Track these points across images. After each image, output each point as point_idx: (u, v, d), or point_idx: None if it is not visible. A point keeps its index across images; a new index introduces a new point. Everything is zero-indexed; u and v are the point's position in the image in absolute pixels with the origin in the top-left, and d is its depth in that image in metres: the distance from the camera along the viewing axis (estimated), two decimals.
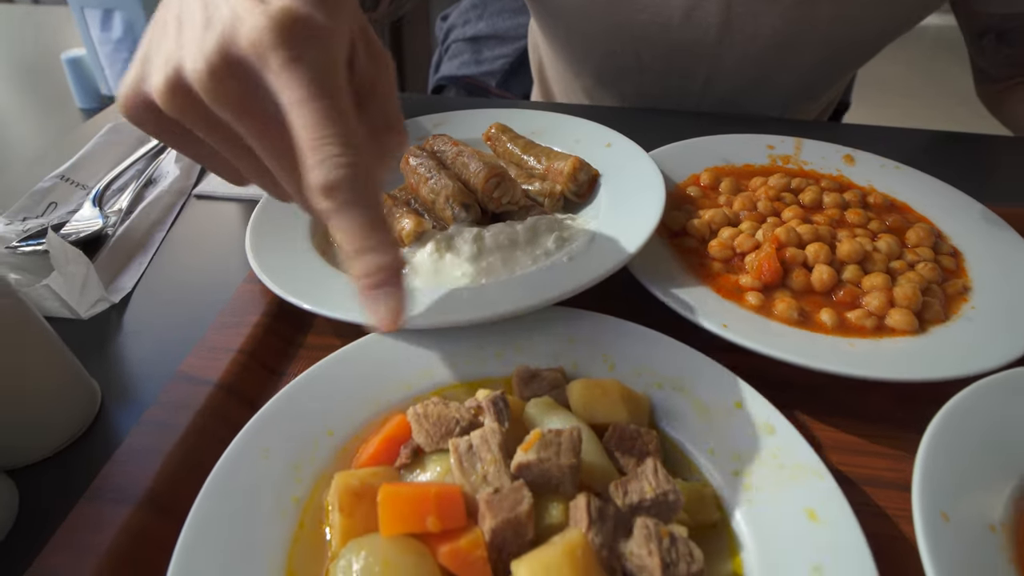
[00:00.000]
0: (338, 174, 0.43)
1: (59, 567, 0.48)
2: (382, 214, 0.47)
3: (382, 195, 0.47)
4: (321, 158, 0.43)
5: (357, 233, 0.46)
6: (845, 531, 0.46)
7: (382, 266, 0.46)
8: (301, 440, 0.53)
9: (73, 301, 0.70)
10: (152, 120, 0.50)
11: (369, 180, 0.45)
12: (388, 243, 0.47)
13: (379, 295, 0.47)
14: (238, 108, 0.46)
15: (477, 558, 0.44)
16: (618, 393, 0.55)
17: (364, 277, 0.47)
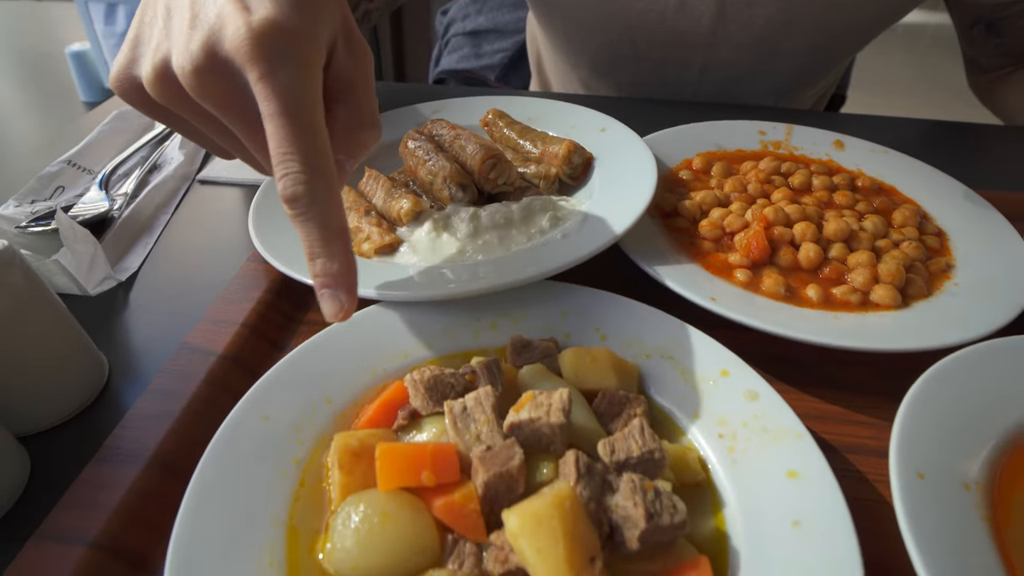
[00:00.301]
0: (296, 190, 0.48)
1: (70, 523, 0.50)
2: (337, 225, 0.51)
3: (342, 206, 0.51)
4: (283, 172, 0.48)
5: (311, 241, 0.51)
6: (824, 489, 0.48)
7: (328, 271, 0.52)
8: (301, 405, 0.55)
9: (81, 277, 0.72)
10: (141, 101, 0.54)
11: (325, 195, 0.50)
12: (338, 252, 0.52)
13: (325, 295, 0.52)
14: (222, 104, 0.50)
15: (471, 511, 0.46)
16: (608, 361, 0.57)
17: (314, 278, 0.52)
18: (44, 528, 0.50)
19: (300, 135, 0.47)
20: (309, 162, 0.48)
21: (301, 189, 0.47)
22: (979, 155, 1.11)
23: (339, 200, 0.51)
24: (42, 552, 0.48)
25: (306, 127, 0.48)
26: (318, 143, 0.49)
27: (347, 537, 0.45)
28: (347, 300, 0.52)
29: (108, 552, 0.49)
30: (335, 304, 0.52)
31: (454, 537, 0.46)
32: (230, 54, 0.47)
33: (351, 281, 0.52)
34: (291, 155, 0.47)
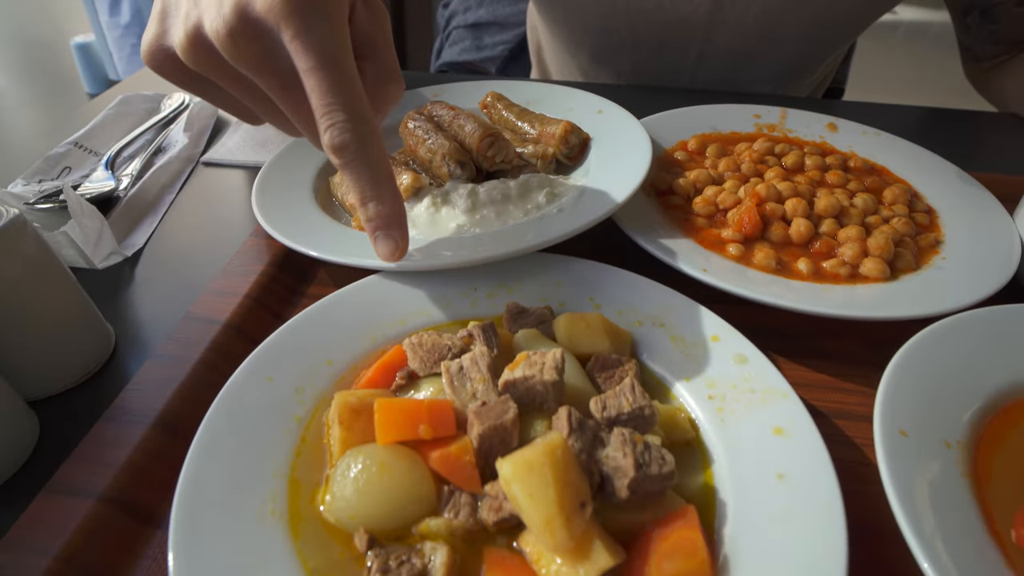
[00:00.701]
0: (344, 138, 0.51)
1: (79, 477, 0.52)
2: (385, 168, 0.54)
3: (385, 151, 0.54)
4: (330, 123, 0.50)
5: (361, 186, 0.54)
6: (808, 444, 0.50)
7: (380, 213, 0.55)
8: (303, 368, 0.57)
9: (88, 251, 0.74)
10: (174, 71, 0.56)
11: (371, 140, 0.53)
12: (388, 194, 0.55)
13: (380, 236, 0.56)
14: (256, 66, 0.51)
15: (466, 463, 0.48)
16: (601, 326, 0.58)
17: (367, 222, 0.54)
18: (54, 482, 0.51)
19: (341, 86, 0.50)
20: (353, 110, 0.50)
21: (349, 136, 0.50)
22: (974, 141, 1.13)
23: (382, 144, 0.54)
24: (53, 504, 0.50)
25: (345, 78, 0.50)
26: (357, 92, 0.51)
27: (346, 487, 0.46)
28: (401, 239, 0.56)
29: (116, 505, 0.51)
30: (390, 243, 0.55)
31: (450, 488, 0.48)
32: (262, 14, 0.49)
33: (403, 220, 0.56)
34: (335, 105, 0.49)
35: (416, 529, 0.46)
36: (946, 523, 0.46)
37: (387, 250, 0.56)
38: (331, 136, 0.50)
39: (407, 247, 0.56)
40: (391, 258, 0.56)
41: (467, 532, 0.46)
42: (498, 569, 0.44)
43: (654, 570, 0.43)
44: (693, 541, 0.43)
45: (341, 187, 0.81)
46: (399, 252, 0.56)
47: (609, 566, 0.41)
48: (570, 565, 0.42)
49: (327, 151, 0.51)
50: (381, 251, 0.56)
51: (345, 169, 0.52)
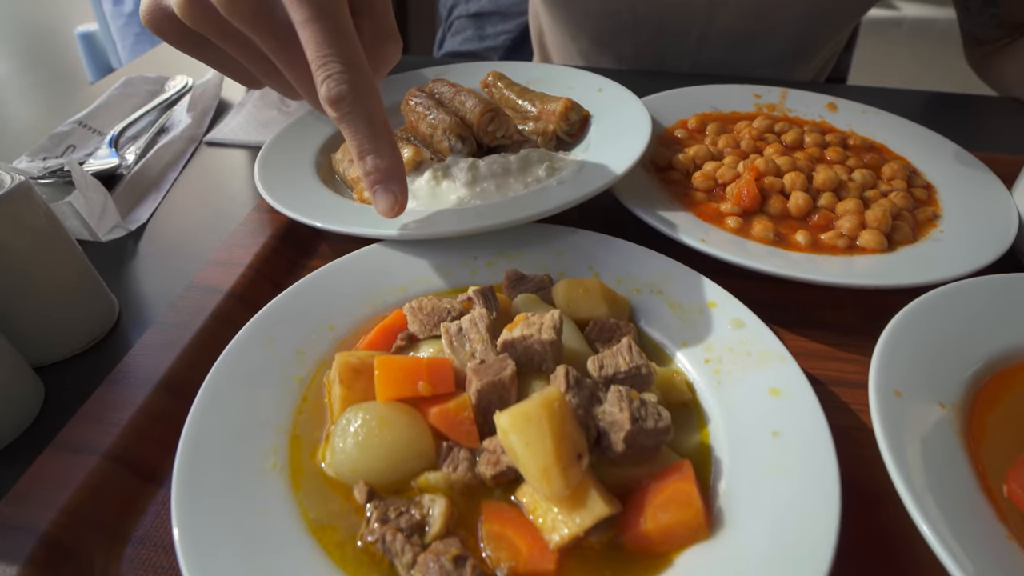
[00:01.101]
0: (340, 89, 0.50)
1: (84, 436, 0.52)
2: (382, 122, 0.54)
3: (382, 104, 0.54)
4: (326, 75, 0.50)
5: (359, 139, 0.53)
6: (804, 403, 0.50)
7: (378, 167, 0.54)
8: (304, 331, 0.58)
9: (93, 222, 0.75)
10: (172, 31, 0.56)
11: (369, 93, 0.52)
12: (386, 147, 0.54)
13: (378, 190, 0.55)
14: (252, 21, 0.51)
15: (464, 419, 0.48)
16: (599, 291, 0.59)
17: (366, 176, 0.53)
18: (59, 440, 0.52)
19: (336, 36, 0.50)
20: (349, 60, 0.50)
21: (345, 88, 0.50)
22: (975, 124, 1.13)
23: (380, 98, 0.53)
24: (58, 460, 0.51)
25: (341, 28, 0.50)
26: (354, 43, 0.51)
27: (347, 440, 0.47)
28: (400, 192, 0.55)
29: (120, 463, 0.52)
30: (389, 198, 0.55)
31: (448, 444, 0.48)
32: None
33: (401, 174, 0.55)
34: (331, 56, 0.49)
35: (415, 483, 0.47)
36: (938, 478, 0.46)
37: (386, 204, 0.55)
38: (327, 87, 0.50)
39: (406, 201, 0.56)
40: (390, 212, 0.55)
41: (465, 486, 0.47)
42: (495, 520, 0.44)
43: (649, 521, 0.43)
44: (688, 493, 0.44)
45: (343, 163, 0.82)
46: (398, 206, 0.55)
47: (605, 515, 0.42)
48: (566, 513, 0.42)
49: (324, 104, 0.51)
50: (380, 206, 0.55)
51: (342, 122, 0.52)
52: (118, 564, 0.47)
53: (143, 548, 0.48)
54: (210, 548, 0.42)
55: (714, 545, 0.43)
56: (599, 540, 0.44)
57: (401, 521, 0.44)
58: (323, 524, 0.45)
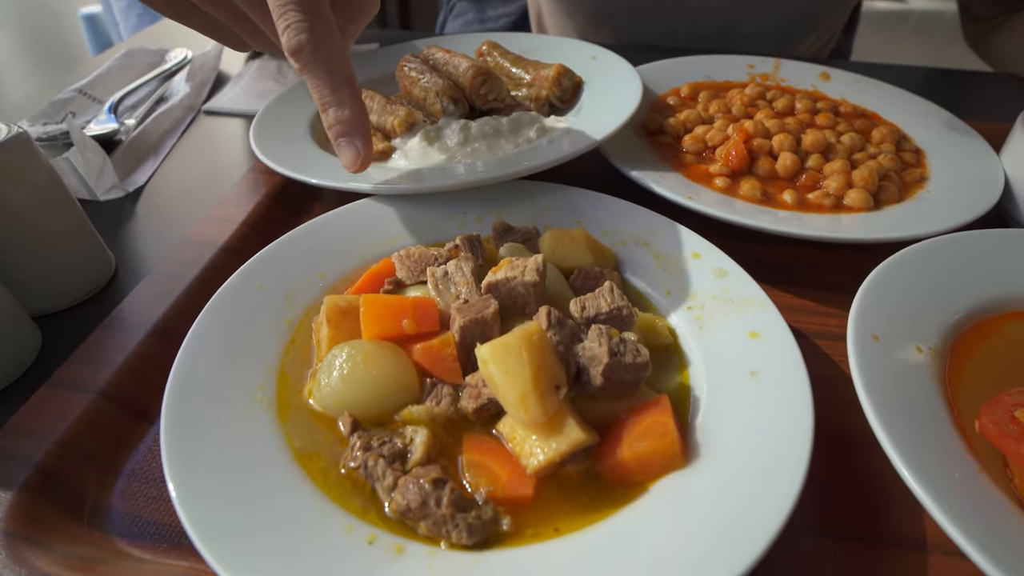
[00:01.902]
0: (299, 39, 0.50)
1: (79, 375, 0.54)
2: (343, 72, 0.53)
3: (345, 55, 0.53)
4: (285, 24, 0.50)
5: (320, 90, 0.53)
6: (781, 345, 0.51)
7: (341, 119, 0.54)
8: (294, 278, 0.59)
9: (91, 181, 0.76)
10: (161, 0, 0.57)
11: (330, 42, 0.51)
12: (347, 99, 0.54)
13: (342, 144, 0.55)
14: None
15: (447, 355, 0.49)
16: (584, 240, 0.60)
17: (329, 128, 0.55)
18: (55, 378, 0.54)
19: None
20: (309, 8, 0.49)
21: (304, 37, 0.49)
22: (971, 98, 1.13)
23: (342, 48, 0.53)
24: (54, 397, 0.52)
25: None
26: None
27: (332, 375, 0.48)
28: (363, 146, 0.54)
29: (113, 400, 0.53)
30: (352, 151, 0.54)
31: (432, 380, 0.49)
32: None
33: (364, 127, 0.54)
34: (290, 5, 0.49)
35: (399, 416, 0.48)
36: (912, 415, 0.47)
37: (349, 157, 0.55)
38: (287, 37, 0.49)
39: (370, 155, 0.55)
40: (353, 166, 0.55)
41: (448, 419, 0.48)
42: (476, 450, 0.45)
43: (626, 450, 0.44)
44: (664, 424, 0.45)
45: None
46: (361, 160, 0.55)
47: (581, 441, 0.43)
48: (543, 440, 0.43)
49: (287, 55, 0.51)
50: (344, 159, 0.55)
51: (303, 72, 0.51)
52: (110, 494, 0.49)
53: (134, 480, 0.50)
54: (198, 473, 0.43)
55: (688, 474, 0.44)
56: (576, 469, 0.45)
57: (384, 449, 0.45)
58: (308, 452, 0.46)
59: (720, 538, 0.39)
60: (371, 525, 0.41)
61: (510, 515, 0.42)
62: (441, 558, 0.39)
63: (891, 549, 0.46)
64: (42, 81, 2.08)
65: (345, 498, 0.43)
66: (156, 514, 0.47)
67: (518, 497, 0.43)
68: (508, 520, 0.42)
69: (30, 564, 0.42)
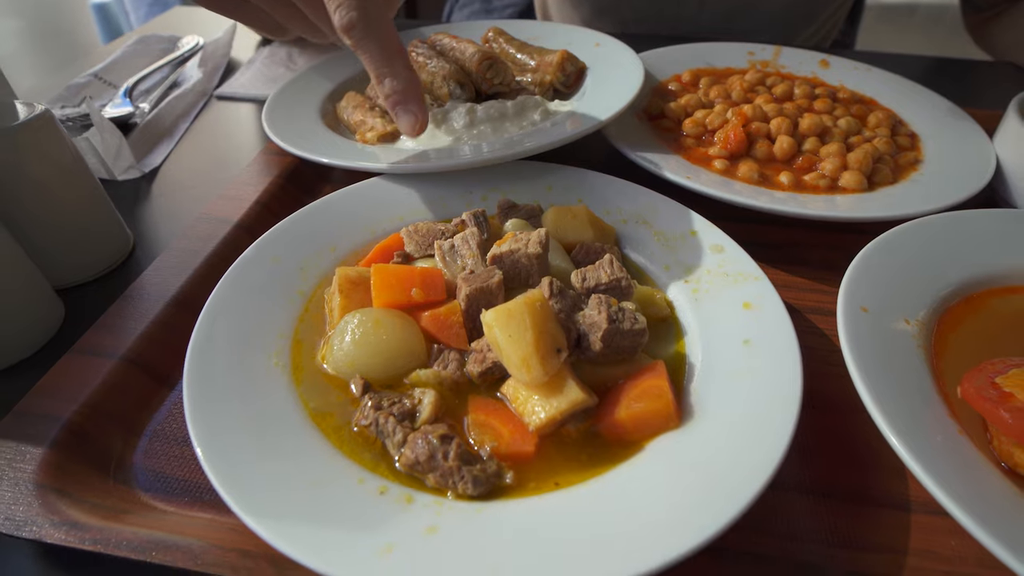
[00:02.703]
0: (351, 16, 0.54)
1: (102, 342, 0.56)
2: (395, 44, 0.57)
3: (395, 29, 0.57)
4: (336, 4, 0.53)
5: (375, 63, 0.57)
6: (774, 315, 0.53)
7: (395, 88, 0.58)
8: (308, 251, 0.61)
9: (109, 161, 0.79)
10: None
11: (380, 18, 0.55)
12: (401, 69, 0.58)
13: (399, 111, 0.59)
14: None
15: (454, 322, 0.52)
16: (587, 217, 0.62)
17: (386, 99, 0.58)
18: (80, 344, 0.56)
19: None
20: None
21: (356, 14, 0.53)
22: (972, 86, 1.14)
23: (392, 24, 0.56)
24: (79, 362, 0.55)
25: None
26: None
27: (345, 339, 0.51)
28: (419, 111, 0.59)
29: (136, 366, 0.56)
30: (409, 117, 0.59)
31: (439, 346, 0.52)
32: None
33: (419, 93, 0.59)
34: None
35: (408, 379, 0.50)
36: (897, 381, 0.49)
37: (408, 123, 0.59)
38: (339, 16, 0.53)
39: (427, 119, 0.60)
40: (412, 131, 0.59)
41: (454, 383, 0.50)
42: (480, 411, 0.48)
43: (623, 410, 0.47)
44: (660, 387, 0.47)
45: (347, 109, 0.85)
46: (419, 124, 0.59)
47: (581, 401, 0.45)
48: (544, 399, 0.46)
49: (339, 33, 0.54)
50: (403, 126, 0.60)
51: (357, 48, 0.55)
52: (133, 452, 0.51)
53: (156, 440, 0.52)
54: (220, 432, 0.45)
55: (682, 434, 0.46)
56: (577, 429, 0.47)
57: (394, 409, 0.47)
58: (322, 412, 0.48)
59: (709, 491, 0.41)
60: (382, 478, 0.44)
61: (513, 470, 0.45)
62: (448, 507, 0.42)
63: (877, 508, 0.48)
64: (54, 69, 2.11)
65: (357, 453, 0.46)
66: (178, 471, 0.50)
67: (521, 453, 0.45)
68: (511, 474, 0.44)
69: (61, 512, 0.44)
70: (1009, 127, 0.74)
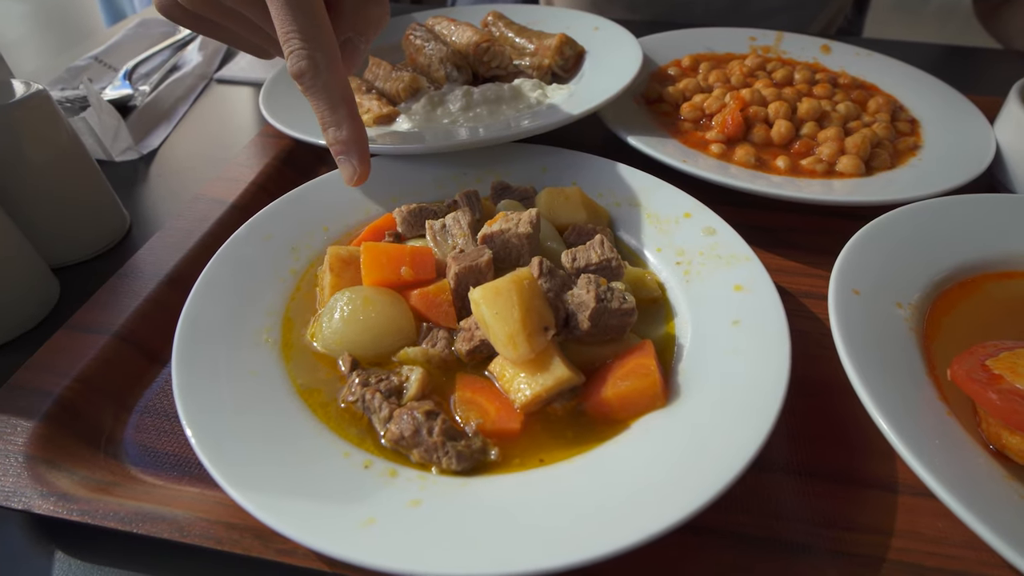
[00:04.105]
0: (300, 66, 0.53)
1: (95, 319, 0.57)
2: (342, 94, 0.56)
3: (345, 77, 0.57)
4: (288, 51, 0.54)
5: (321, 111, 0.57)
6: (764, 297, 0.53)
7: (339, 139, 0.57)
8: (300, 231, 0.61)
9: (107, 142, 0.79)
10: (182, 16, 0.61)
11: (329, 67, 0.54)
12: (345, 119, 0.57)
13: (341, 161, 0.58)
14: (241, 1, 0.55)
15: (443, 301, 0.52)
16: (580, 199, 0.62)
17: (330, 147, 0.58)
18: (73, 320, 0.57)
19: (297, 12, 0.52)
20: (309, 36, 0.53)
21: (305, 64, 0.53)
22: (979, 73, 1.13)
23: (342, 72, 0.56)
24: (72, 338, 0.55)
25: (302, 5, 0.52)
26: (316, 19, 0.53)
27: (335, 316, 0.51)
28: (359, 165, 0.57)
29: (128, 343, 0.56)
30: (349, 168, 0.58)
31: (428, 325, 0.52)
32: None
33: (361, 147, 0.58)
34: (292, 32, 0.52)
35: (396, 357, 0.51)
36: (887, 363, 0.49)
37: (346, 174, 0.58)
38: (291, 63, 0.53)
39: (367, 171, 0.58)
40: (350, 181, 0.58)
41: (442, 360, 0.50)
42: (467, 388, 0.48)
43: (610, 389, 0.47)
44: (647, 366, 0.47)
45: None
46: (357, 176, 0.58)
47: (566, 378, 0.45)
48: (530, 376, 0.46)
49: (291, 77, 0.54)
50: (343, 175, 0.59)
51: (306, 95, 0.55)
52: (124, 427, 0.52)
53: (147, 415, 0.53)
54: (206, 405, 0.45)
55: (668, 412, 0.46)
56: (563, 407, 0.47)
57: (381, 385, 0.47)
58: (309, 388, 0.49)
59: (693, 469, 0.41)
60: (367, 452, 0.44)
61: (498, 447, 0.45)
62: (431, 481, 0.42)
63: (865, 489, 0.48)
64: (56, 51, 2.11)
65: (343, 429, 0.46)
66: (167, 446, 0.50)
67: (506, 431, 0.45)
68: (496, 451, 0.44)
69: (50, 484, 0.45)
70: (1010, 112, 0.74)
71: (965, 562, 0.43)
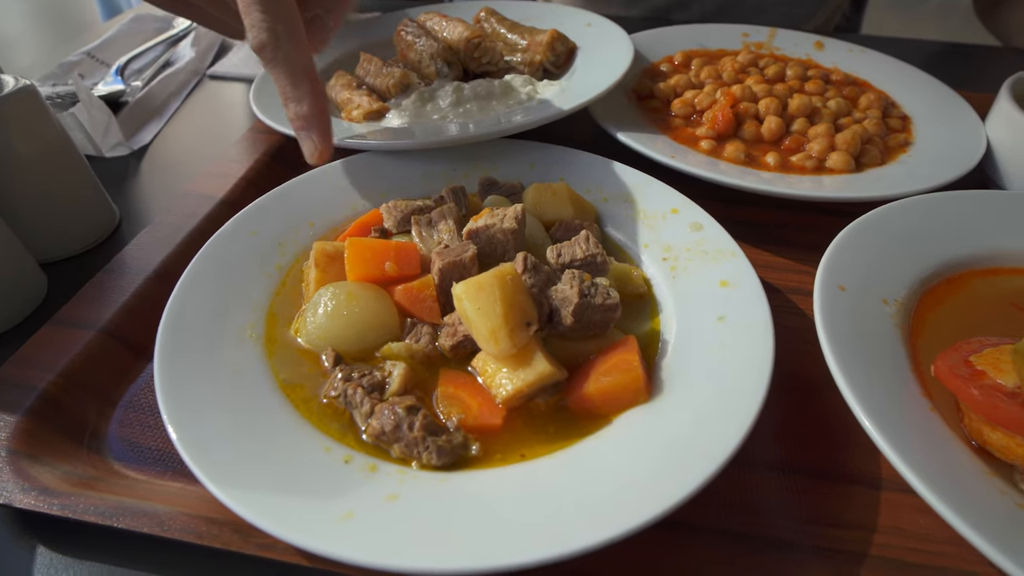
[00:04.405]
0: (261, 37, 0.52)
1: (81, 314, 0.57)
2: (303, 68, 0.55)
3: (307, 51, 0.55)
4: (249, 23, 0.52)
5: (281, 85, 0.55)
6: (749, 292, 0.53)
7: (300, 114, 0.55)
8: (287, 226, 0.61)
9: (97, 138, 0.79)
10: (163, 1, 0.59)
11: (291, 40, 0.53)
12: (306, 94, 0.55)
13: (301, 137, 0.56)
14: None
15: (427, 296, 0.52)
16: (567, 195, 0.62)
17: (291, 123, 0.56)
18: (60, 315, 0.57)
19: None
20: (270, 8, 0.51)
21: (265, 36, 0.51)
22: (976, 70, 1.13)
23: (305, 46, 0.54)
24: (58, 333, 0.55)
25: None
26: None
27: (318, 311, 0.51)
28: (320, 141, 0.55)
29: (114, 338, 0.56)
30: (309, 145, 0.56)
31: (412, 320, 0.52)
32: None
33: (323, 123, 0.55)
34: (253, 4, 0.51)
35: (379, 352, 0.50)
36: (870, 359, 0.49)
37: (307, 151, 0.56)
38: (251, 36, 0.51)
39: (329, 148, 0.56)
40: (311, 159, 0.56)
41: (426, 356, 0.50)
42: (450, 384, 0.48)
43: (592, 384, 0.47)
44: (629, 361, 0.47)
45: (335, 88, 0.84)
46: (318, 153, 0.56)
47: (548, 373, 0.45)
48: (512, 371, 0.46)
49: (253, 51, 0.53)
50: (304, 152, 0.57)
51: (267, 68, 0.53)
52: (108, 422, 0.52)
53: (131, 411, 0.53)
54: (189, 399, 0.45)
55: (650, 408, 0.46)
56: (545, 402, 0.47)
57: (363, 380, 0.47)
58: (292, 383, 0.49)
59: (674, 463, 0.41)
60: (348, 447, 0.44)
61: (480, 442, 0.45)
62: (411, 476, 0.42)
63: (848, 485, 0.48)
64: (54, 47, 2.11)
65: (325, 424, 0.46)
66: (151, 441, 0.50)
67: (488, 426, 0.45)
68: (477, 446, 0.44)
69: (32, 478, 0.45)
70: (1000, 109, 0.73)
71: (948, 558, 0.43)
